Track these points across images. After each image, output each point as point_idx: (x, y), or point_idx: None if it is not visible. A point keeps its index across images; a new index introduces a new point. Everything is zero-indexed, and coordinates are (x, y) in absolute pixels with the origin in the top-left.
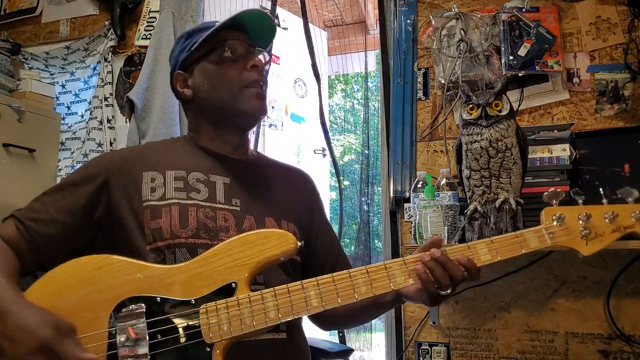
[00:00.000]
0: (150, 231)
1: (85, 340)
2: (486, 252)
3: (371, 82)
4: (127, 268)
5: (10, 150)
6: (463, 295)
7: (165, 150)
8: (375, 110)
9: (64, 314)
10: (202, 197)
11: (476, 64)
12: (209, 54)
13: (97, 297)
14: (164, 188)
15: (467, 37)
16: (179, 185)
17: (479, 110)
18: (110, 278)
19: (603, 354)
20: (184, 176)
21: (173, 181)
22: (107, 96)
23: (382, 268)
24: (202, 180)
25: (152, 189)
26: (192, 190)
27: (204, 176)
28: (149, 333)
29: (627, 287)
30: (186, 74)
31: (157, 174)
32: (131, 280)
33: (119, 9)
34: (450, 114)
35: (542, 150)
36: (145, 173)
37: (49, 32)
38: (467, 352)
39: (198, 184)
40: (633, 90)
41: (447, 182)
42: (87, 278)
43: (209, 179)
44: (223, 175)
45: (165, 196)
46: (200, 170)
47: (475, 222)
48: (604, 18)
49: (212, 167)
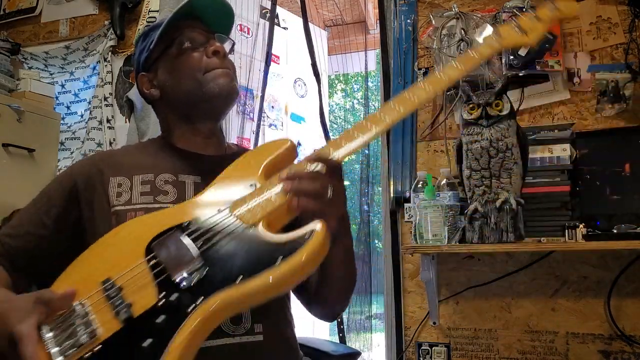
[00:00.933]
0: None
1: (127, 275)
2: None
3: (371, 81)
4: (147, 218)
5: (10, 150)
6: (463, 295)
7: (136, 153)
8: (376, 110)
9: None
10: (169, 199)
11: None
12: (168, 49)
13: (127, 248)
14: (130, 193)
15: (468, 37)
16: (145, 190)
17: (480, 110)
18: (132, 232)
19: (604, 354)
20: (152, 179)
21: (140, 185)
22: (106, 96)
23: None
24: (171, 181)
25: (118, 194)
26: (159, 193)
27: (173, 177)
28: (191, 243)
29: (628, 287)
30: (150, 75)
31: (123, 178)
32: (156, 222)
33: (118, 8)
34: (451, 113)
35: (542, 150)
36: (112, 178)
37: (48, 32)
38: (467, 353)
39: (166, 186)
40: (633, 90)
41: (447, 182)
42: (109, 243)
43: (178, 179)
44: (193, 175)
45: (131, 201)
46: (169, 171)
47: (476, 222)
48: (605, 18)
49: (182, 167)
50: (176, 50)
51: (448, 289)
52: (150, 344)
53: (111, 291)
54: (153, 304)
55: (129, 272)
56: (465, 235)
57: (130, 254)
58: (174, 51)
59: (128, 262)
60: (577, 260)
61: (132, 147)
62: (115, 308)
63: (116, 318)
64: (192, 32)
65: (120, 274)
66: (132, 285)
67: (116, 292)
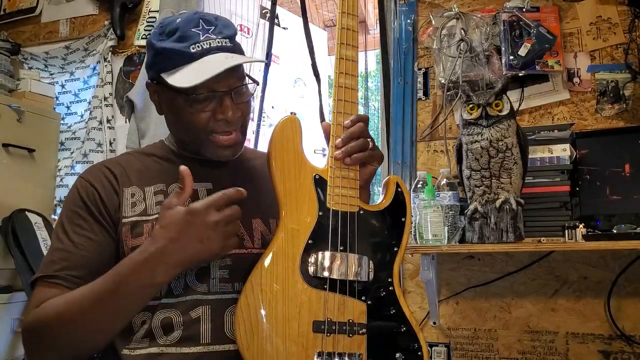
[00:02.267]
0: (130, 249)
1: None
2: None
3: (371, 81)
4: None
5: (10, 150)
6: (463, 295)
7: (143, 163)
8: (376, 110)
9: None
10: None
11: (476, 64)
12: (180, 88)
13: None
14: (145, 203)
15: (468, 37)
16: (159, 199)
17: (480, 110)
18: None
19: (604, 355)
20: (164, 189)
21: (153, 196)
22: (106, 96)
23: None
24: None
25: (133, 204)
26: None
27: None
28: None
29: (628, 287)
30: (157, 88)
31: (136, 189)
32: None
33: (118, 8)
34: (451, 113)
35: (542, 150)
36: (125, 189)
37: (48, 32)
38: (467, 353)
39: None
40: (633, 90)
41: (447, 182)
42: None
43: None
44: (204, 182)
45: (146, 211)
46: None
47: (476, 222)
48: (605, 18)
49: (192, 175)
50: (184, 97)
51: (448, 289)
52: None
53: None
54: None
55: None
56: (465, 235)
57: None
58: (182, 96)
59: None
60: (577, 261)
61: (135, 158)
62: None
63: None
64: (210, 82)
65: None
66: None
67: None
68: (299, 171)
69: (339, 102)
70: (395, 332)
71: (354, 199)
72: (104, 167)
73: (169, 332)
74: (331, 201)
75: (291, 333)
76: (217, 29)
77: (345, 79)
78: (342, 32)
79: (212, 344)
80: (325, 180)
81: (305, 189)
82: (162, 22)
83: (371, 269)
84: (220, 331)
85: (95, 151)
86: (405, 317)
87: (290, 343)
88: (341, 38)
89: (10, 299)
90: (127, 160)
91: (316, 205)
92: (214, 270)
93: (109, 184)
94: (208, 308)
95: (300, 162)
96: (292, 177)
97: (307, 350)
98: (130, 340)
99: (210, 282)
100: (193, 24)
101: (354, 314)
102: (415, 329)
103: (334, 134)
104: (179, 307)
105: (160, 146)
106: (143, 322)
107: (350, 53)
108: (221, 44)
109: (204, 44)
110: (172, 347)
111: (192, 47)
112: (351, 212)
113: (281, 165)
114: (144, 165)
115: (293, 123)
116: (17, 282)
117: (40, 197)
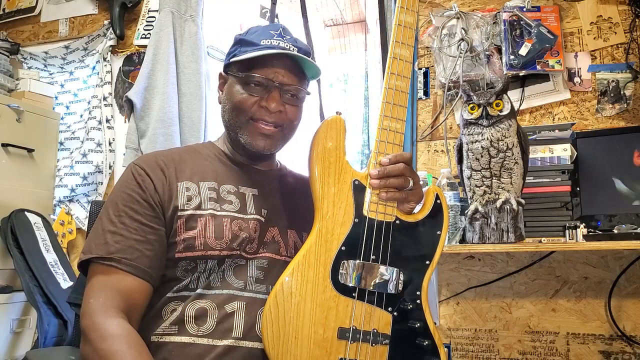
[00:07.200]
0: (182, 240)
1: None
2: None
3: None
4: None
5: (9, 150)
6: (464, 295)
7: (195, 160)
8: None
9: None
10: (233, 208)
11: (477, 64)
12: (241, 71)
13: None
14: (200, 198)
15: (468, 37)
16: (212, 196)
17: (480, 109)
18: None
19: (604, 355)
20: (216, 188)
21: (207, 191)
22: (106, 96)
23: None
24: (233, 192)
25: (189, 198)
26: (224, 202)
27: (234, 188)
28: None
29: (629, 287)
30: (226, 77)
31: (191, 183)
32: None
33: (118, 8)
34: (451, 113)
35: (543, 150)
36: (179, 183)
37: (48, 32)
38: (468, 353)
39: (229, 196)
40: (634, 90)
41: (447, 182)
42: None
43: (239, 190)
44: (251, 187)
45: (201, 206)
46: (230, 182)
47: (476, 222)
48: (605, 17)
49: (241, 179)
50: (243, 81)
51: (448, 289)
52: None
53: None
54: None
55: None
56: (466, 236)
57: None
58: (243, 78)
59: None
60: (577, 261)
61: (186, 154)
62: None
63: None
64: (267, 71)
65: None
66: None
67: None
68: (339, 175)
69: (387, 105)
70: (417, 346)
71: (391, 208)
72: (158, 158)
73: (203, 322)
74: (368, 209)
75: (316, 337)
76: (292, 39)
77: (396, 80)
78: (399, 30)
79: (242, 339)
80: (364, 187)
81: (343, 194)
82: (254, 25)
83: (401, 280)
84: (251, 328)
85: (95, 151)
86: (429, 332)
87: (315, 347)
88: (396, 36)
89: (9, 299)
90: (180, 155)
91: (353, 211)
92: (252, 269)
93: (162, 174)
94: (243, 304)
95: (342, 166)
96: (331, 182)
97: (330, 356)
98: (157, 327)
99: (247, 279)
100: (273, 29)
101: (380, 324)
102: (438, 344)
103: (378, 138)
104: (215, 299)
105: (210, 146)
106: (173, 310)
107: (404, 53)
108: (288, 47)
109: (273, 42)
110: (204, 338)
111: (263, 41)
112: (387, 221)
113: (321, 169)
114: (196, 162)
115: (338, 124)
116: (16, 282)
117: (40, 197)
